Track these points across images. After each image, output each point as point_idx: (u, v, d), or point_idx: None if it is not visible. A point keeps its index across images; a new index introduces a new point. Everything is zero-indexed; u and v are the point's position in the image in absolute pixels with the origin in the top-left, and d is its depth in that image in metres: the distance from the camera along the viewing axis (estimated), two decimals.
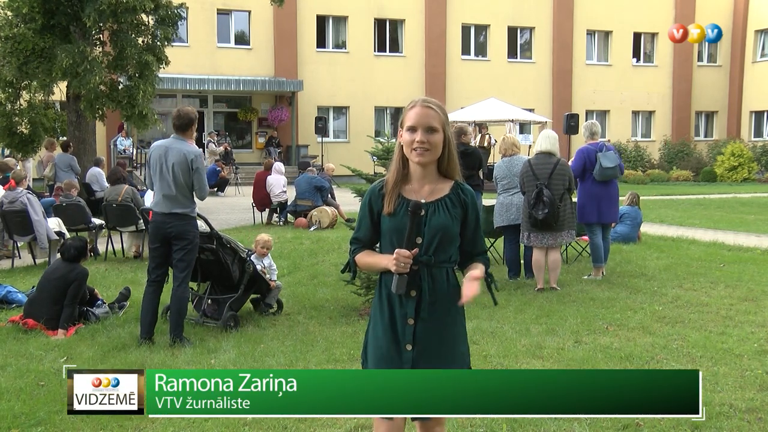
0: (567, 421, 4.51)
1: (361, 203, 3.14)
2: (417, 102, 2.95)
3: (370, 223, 3.04)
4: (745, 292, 8.31)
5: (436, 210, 2.93)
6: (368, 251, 3.07)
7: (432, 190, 2.98)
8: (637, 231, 12.25)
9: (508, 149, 9.26)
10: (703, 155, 33.72)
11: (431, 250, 2.91)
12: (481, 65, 32.99)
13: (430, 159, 2.92)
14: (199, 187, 6.30)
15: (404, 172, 2.98)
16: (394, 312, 2.94)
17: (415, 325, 2.92)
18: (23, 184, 10.79)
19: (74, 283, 6.89)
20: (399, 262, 2.81)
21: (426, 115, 2.90)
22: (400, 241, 2.89)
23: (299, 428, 4.44)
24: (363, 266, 3.08)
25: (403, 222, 2.90)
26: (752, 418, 4.57)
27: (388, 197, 2.96)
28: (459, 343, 3.01)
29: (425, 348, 2.92)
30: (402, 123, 2.96)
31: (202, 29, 28.99)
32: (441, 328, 2.95)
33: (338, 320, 7.10)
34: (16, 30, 15.69)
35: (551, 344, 6.21)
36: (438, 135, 2.90)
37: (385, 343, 2.95)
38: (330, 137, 30.36)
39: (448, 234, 2.93)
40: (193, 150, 6.35)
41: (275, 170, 15.75)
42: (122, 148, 24.61)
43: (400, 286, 2.85)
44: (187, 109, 6.46)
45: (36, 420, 4.61)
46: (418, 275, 2.90)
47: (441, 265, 2.94)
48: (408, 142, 2.91)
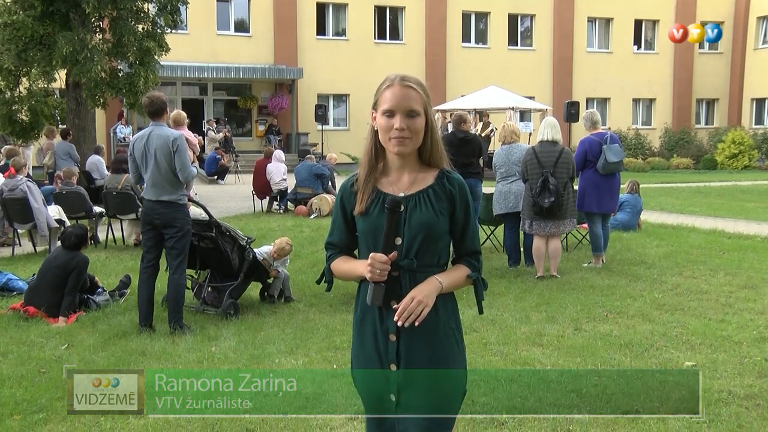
0: (566, 407, 4.51)
1: (334, 202, 2.73)
2: (394, 80, 2.49)
3: (344, 225, 2.63)
4: (745, 280, 8.32)
5: (418, 204, 2.50)
6: (345, 257, 2.66)
7: (413, 181, 2.54)
8: (637, 219, 12.25)
9: (507, 137, 9.23)
10: (704, 143, 33.67)
11: (413, 253, 2.48)
12: (481, 53, 32.87)
13: (411, 148, 2.50)
14: (180, 167, 6.24)
15: (378, 164, 2.57)
16: (375, 327, 2.53)
17: (398, 342, 2.49)
18: (23, 172, 10.78)
19: (75, 270, 6.90)
20: (374, 268, 2.40)
21: (406, 96, 2.46)
22: (376, 244, 2.47)
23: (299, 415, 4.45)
24: (339, 275, 2.66)
25: (378, 221, 2.48)
26: (751, 404, 4.59)
27: (360, 194, 2.53)
28: (453, 362, 2.55)
29: (412, 368, 2.50)
30: (376, 104, 2.52)
31: (201, 17, 28.86)
32: (429, 345, 2.51)
33: (338, 308, 7.11)
34: (15, 17, 15.66)
35: (551, 332, 6.22)
36: (420, 119, 2.47)
37: (369, 363, 2.57)
38: (330, 125, 30.30)
39: (433, 232, 2.49)
40: (173, 132, 6.37)
41: (275, 158, 15.74)
42: (122, 136, 24.56)
43: (376, 297, 2.42)
44: (157, 94, 6.51)
45: (37, 407, 4.63)
46: (398, 283, 2.46)
47: (426, 270, 2.50)
48: (385, 128, 2.46)
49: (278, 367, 5.37)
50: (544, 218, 8.35)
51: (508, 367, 5.30)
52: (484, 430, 4.21)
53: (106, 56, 16.44)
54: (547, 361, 5.43)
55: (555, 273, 8.46)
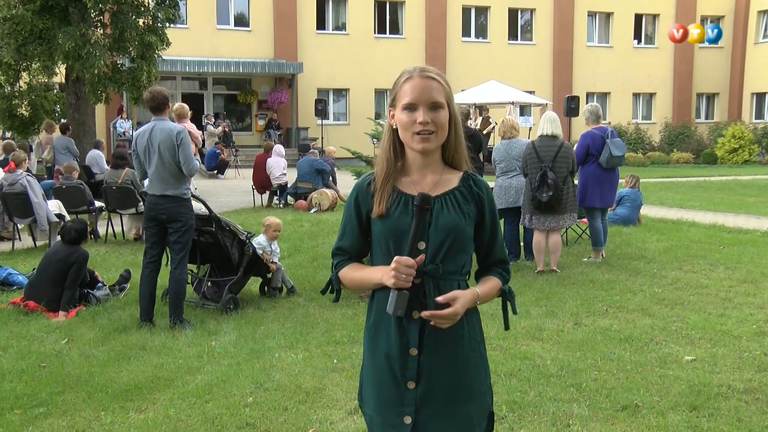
0: (566, 402, 4.53)
1: (345, 203, 2.48)
2: (414, 72, 2.29)
3: (357, 229, 2.39)
4: (745, 274, 8.32)
5: (444, 206, 2.29)
6: (356, 264, 2.42)
7: (437, 182, 2.33)
8: (637, 213, 12.24)
9: (506, 132, 9.22)
10: (704, 137, 33.64)
11: (439, 258, 2.27)
12: (481, 47, 32.84)
13: (436, 144, 2.29)
14: (184, 161, 6.25)
15: (398, 163, 2.35)
16: (392, 340, 2.29)
17: (419, 356, 2.27)
18: (23, 166, 10.78)
19: (74, 265, 6.90)
20: (399, 273, 2.15)
21: (428, 87, 2.26)
22: (398, 247, 2.25)
23: (300, 410, 4.47)
24: (350, 284, 2.40)
25: (400, 222, 2.27)
26: (750, 398, 4.59)
27: (379, 194, 2.32)
28: (477, 379, 2.35)
29: (433, 386, 2.27)
30: (394, 101, 2.33)
31: (201, 11, 28.83)
32: (453, 359, 2.29)
33: (338, 302, 7.11)
34: (14, 11, 15.62)
35: (551, 326, 6.23)
36: (444, 112, 2.27)
37: (384, 379, 2.32)
38: (330, 120, 30.27)
39: (461, 236, 2.29)
40: (176, 126, 6.37)
41: (275, 153, 15.73)
42: (122, 130, 24.58)
43: (399, 305, 2.19)
44: (158, 88, 6.49)
45: (38, 401, 4.64)
46: (421, 290, 2.25)
47: (450, 277, 2.29)
48: (407, 123, 2.26)
49: (278, 361, 5.38)
50: (543, 213, 8.35)
51: (508, 361, 5.30)
52: None
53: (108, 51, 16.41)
54: (546, 356, 5.44)
55: (555, 267, 8.46)
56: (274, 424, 4.27)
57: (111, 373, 5.17)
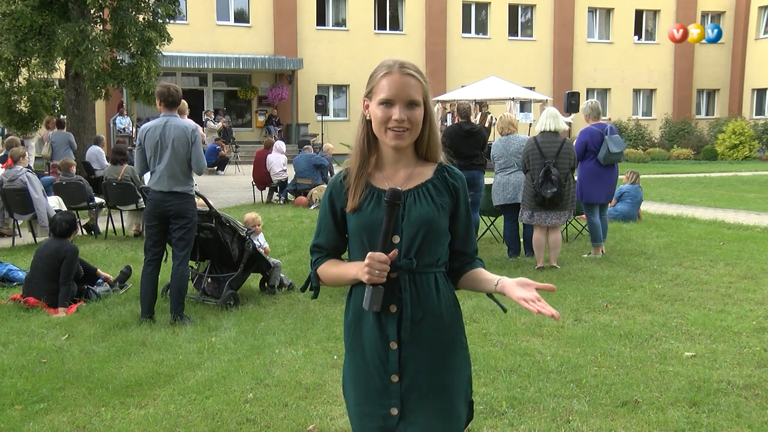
0: (566, 398, 4.53)
1: (321, 199, 2.48)
2: (392, 67, 2.27)
3: (332, 225, 2.40)
4: (745, 270, 8.32)
5: (417, 199, 2.29)
6: (333, 261, 2.43)
7: (409, 176, 2.34)
8: (638, 209, 12.25)
9: (505, 128, 9.20)
10: (704, 133, 33.63)
11: (413, 251, 2.26)
12: (481, 43, 32.80)
13: (409, 141, 2.30)
14: (196, 160, 6.29)
15: (371, 157, 2.35)
16: (372, 336, 2.30)
17: (399, 350, 2.28)
18: (22, 162, 10.77)
19: (65, 260, 6.89)
20: (372, 269, 2.16)
21: (406, 85, 2.25)
22: (373, 242, 2.26)
23: (300, 406, 4.47)
24: (328, 280, 2.42)
25: (373, 217, 2.27)
26: (750, 394, 4.60)
27: (353, 189, 2.32)
28: (458, 371, 2.37)
29: (417, 378, 2.30)
30: (371, 93, 2.30)
31: (201, 7, 28.80)
32: (433, 352, 2.31)
33: (338, 298, 7.11)
34: (13, 6, 15.60)
35: (551, 322, 6.22)
36: (419, 110, 2.27)
37: (367, 374, 2.34)
38: (330, 116, 30.26)
39: (434, 229, 2.28)
40: (190, 123, 6.42)
41: (275, 149, 15.73)
42: (122, 126, 24.55)
43: (375, 300, 2.19)
44: (175, 85, 6.49)
45: (38, 397, 4.64)
46: (397, 285, 2.25)
47: (427, 270, 2.29)
48: (382, 119, 2.25)
49: (278, 357, 5.38)
50: (545, 209, 8.34)
51: (508, 357, 5.30)
52: (484, 420, 4.21)
53: (107, 47, 16.38)
54: (546, 352, 5.44)
55: (555, 264, 8.46)
56: (274, 420, 4.27)
57: (111, 369, 5.18)
